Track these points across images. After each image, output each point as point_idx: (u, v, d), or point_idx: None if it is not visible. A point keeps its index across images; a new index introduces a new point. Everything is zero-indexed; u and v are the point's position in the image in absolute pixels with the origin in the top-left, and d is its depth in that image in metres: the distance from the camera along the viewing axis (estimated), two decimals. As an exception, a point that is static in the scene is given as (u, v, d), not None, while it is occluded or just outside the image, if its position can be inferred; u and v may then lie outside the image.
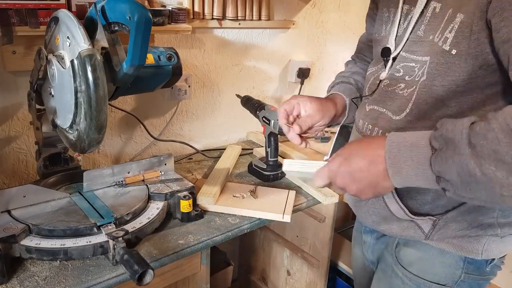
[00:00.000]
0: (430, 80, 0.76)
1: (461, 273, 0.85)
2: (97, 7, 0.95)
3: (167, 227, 1.04)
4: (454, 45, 0.72)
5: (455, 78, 0.73)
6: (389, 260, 0.93)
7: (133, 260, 0.81)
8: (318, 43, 1.92)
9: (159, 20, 1.26)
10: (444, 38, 0.74)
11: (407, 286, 0.89)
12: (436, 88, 0.76)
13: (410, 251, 0.88)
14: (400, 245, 0.91)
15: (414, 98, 0.79)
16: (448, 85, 0.74)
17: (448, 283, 0.85)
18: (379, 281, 0.98)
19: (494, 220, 0.80)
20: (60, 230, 0.91)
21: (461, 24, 0.71)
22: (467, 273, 0.84)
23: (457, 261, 0.84)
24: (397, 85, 0.83)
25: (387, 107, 0.84)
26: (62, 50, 0.94)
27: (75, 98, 0.89)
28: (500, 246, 0.83)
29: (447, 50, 0.73)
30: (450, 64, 0.73)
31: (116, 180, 1.11)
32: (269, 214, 1.11)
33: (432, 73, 0.76)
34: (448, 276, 0.85)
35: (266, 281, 1.90)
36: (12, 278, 0.84)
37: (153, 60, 1.14)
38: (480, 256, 0.82)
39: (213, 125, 1.69)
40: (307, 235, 1.65)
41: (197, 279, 1.10)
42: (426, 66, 0.77)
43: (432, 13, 0.77)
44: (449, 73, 0.74)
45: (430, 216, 0.82)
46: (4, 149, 1.25)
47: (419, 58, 0.78)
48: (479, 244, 0.81)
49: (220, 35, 1.58)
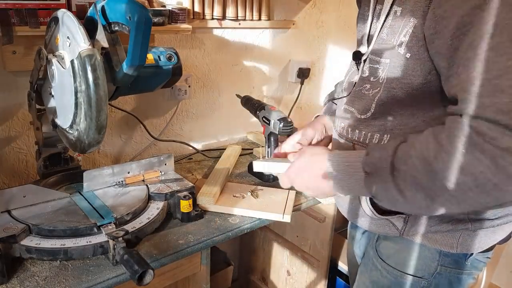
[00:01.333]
0: (389, 82, 0.79)
1: (437, 265, 0.86)
2: (97, 7, 0.95)
3: (167, 227, 1.05)
4: (408, 49, 0.74)
5: (410, 81, 0.76)
6: (370, 253, 0.95)
7: (133, 260, 0.81)
8: (318, 43, 1.92)
9: (159, 20, 1.26)
10: (400, 41, 0.76)
11: (385, 278, 0.91)
12: (395, 90, 0.78)
13: (389, 244, 0.91)
14: (380, 239, 0.93)
15: (377, 99, 0.82)
16: (405, 87, 0.77)
17: (424, 276, 0.87)
18: (361, 275, 1.00)
19: (465, 215, 0.82)
20: (60, 230, 0.91)
21: (414, 28, 0.73)
22: (444, 265, 0.86)
23: (433, 253, 0.85)
24: (363, 86, 0.86)
25: (355, 107, 0.88)
26: (62, 50, 0.94)
27: (75, 98, 0.89)
28: (476, 241, 0.83)
29: (402, 54, 0.76)
30: (404, 67, 0.76)
31: (116, 180, 1.11)
32: (269, 214, 1.11)
33: (391, 75, 0.78)
34: (425, 268, 0.87)
35: (266, 281, 1.90)
36: (12, 278, 0.84)
37: (153, 60, 1.14)
38: (455, 249, 0.83)
39: (213, 125, 1.69)
40: (307, 235, 1.65)
41: (197, 279, 1.10)
42: (387, 69, 0.79)
43: (393, 17, 0.78)
44: (405, 76, 0.76)
45: (400, 214, 0.84)
46: (4, 149, 1.25)
47: (382, 60, 0.81)
48: (453, 238, 0.83)
49: (220, 35, 1.58)
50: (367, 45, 0.86)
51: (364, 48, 0.87)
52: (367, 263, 0.98)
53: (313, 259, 1.61)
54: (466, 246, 0.83)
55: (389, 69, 0.79)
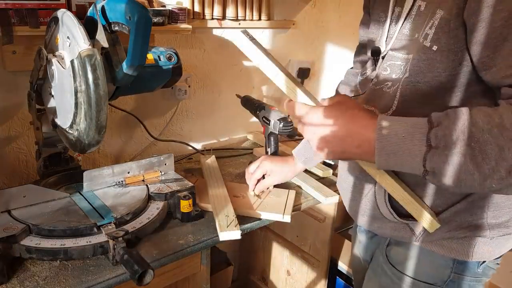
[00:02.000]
0: (413, 77, 0.77)
1: (450, 273, 0.84)
2: (97, 7, 0.95)
3: (167, 227, 1.04)
4: (434, 41, 0.72)
5: (437, 75, 0.74)
6: (380, 259, 0.94)
7: (133, 260, 0.81)
8: (318, 43, 1.92)
9: (159, 20, 1.26)
10: (425, 34, 0.74)
11: (396, 285, 0.89)
12: (419, 84, 0.76)
13: (400, 250, 0.89)
14: (391, 244, 0.91)
15: (398, 95, 0.80)
16: (431, 81, 0.75)
17: (437, 283, 0.85)
18: (370, 280, 0.99)
19: (484, 221, 0.80)
20: (60, 230, 0.91)
21: (440, 20, 0.71)
22: (457, 273, 0.84)
23: (447, 261, 0.84)
24: (384, 83, 0.84)
25: (375, 105, 0.85)
26: (62, 50, 0.94)
27: (75, 98, 0.89)
28: (491, 248, 0.82)
29: (428, 47, 0.73)
30: (431, 60, 0.74)
31: (116, 180, 1.11)
32: (269, 214, 1.10)
33: (415, 70, 0.76)
34: (437, 275, 0.85)
35: (266, 281, 1.90)
36: (12, 278, 0.84)
37: (153, 60, 1.14)
38: (471, 258, 0.82)
39: (213, 125, 1.69)
40: (307, 235, 1.65)
41: (197, 279, 1.10)
42: (409, 63, 0.77)
43: (417, 12, 0.77)
44: (430, 69, 0.74)
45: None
46: (4, 149, 1.25)
47: (404, 56, 0.79)
48: (469, 246, 0.81)
49: (220, 35, 1.58)
50: (385, 45, 0.85)
51: (382, 47, 0.85)
52: (375, 268, 0.96)
53: (313, 259, 1.61)
54: (482, 254, 0.82)
55: (413, 63, 0.76)
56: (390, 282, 0.90)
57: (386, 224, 0.87)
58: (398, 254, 0.89)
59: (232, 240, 1.01)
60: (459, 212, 0.79)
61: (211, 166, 1.37)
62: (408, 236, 0.84)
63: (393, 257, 0.90)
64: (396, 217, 0.83)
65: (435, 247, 0.83)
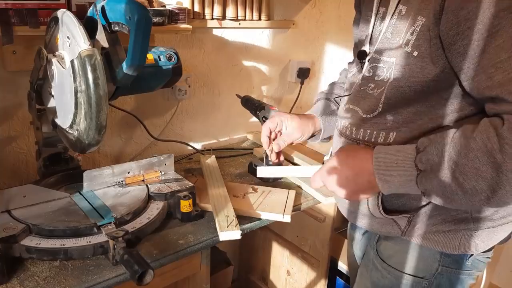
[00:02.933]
0: (396, 81, 0.79)
1: (438, 266, 0.86)
2: (97, 7, 0.95)
3: (167, 227, 1.04)
4: (415, 48, 0.74)
5: (419, 80, 0.75)
6: (371, 254, 0.95)
7: (133, 260, 0.81)
8: (318, 43, 1.92)
9: (159, 20, 1.26)
10: (407, 40, 0.75)
11: (386, 279, 0.91)
12: (402, 89, 0.78)
13: (389, 245, 0.90)
14: (381, 239, 0.93)
15: (384, 98, 0.81)
16: (414, 86, 0.76)
17: (425, 276, 0.87)
18: (361, 276, 1.00)
19: (467, 214, 0.82)
20: (60, 230, 0.91)
21: (422, 27, 0.72)
22: (445, 266, 0.86)
23: (434, 254, 0.85)
24: (368, 85, 0.85)
25: (359, 106, 0.87)
26: (62, 50, 0.94)
27: (75, 98, 0.89)
28: (477, 241, 0.83)
29: (409, 52, 0.75)
30: (412, 65, 0.75)
31: (116, 180, 1.11)
32: (269, 214, 1.10)
33: (398, 74, 0.78)
34: (426, 269, 0.87)
35: (266, 281, 1.90)
36: (12, 278, 0.84)
37: (153, 60, 1.14)
38: (457, 251, 0.84)
39: (213, 125, 1.69)
40: (307, 235, 1.65)
41: (197, 279, 1.10)
42: (393, 68, 0.79)
43: (398, 16, 0.78)
44: (413, 74, 0.76)
45: (404, 214, 0.84)
46: (4, 149, 1.25)
47: (387, 59, 0.80)
48: (455, 239, 0.83)
49: (220, 35, 1.58)
50: (369, 45, 0.86)
51: (367, 47, 0.87)
52: (367, 264, 0.98)
53: (313, 259, 1.61)
54: (468, 247, 0.83)
55: (396, 67, 0.78)
56: (381, 277, 0.92)
57: (373, 221, 0.88)
58: (387, 248, 0.91)
59: (232, 240, 1.01)
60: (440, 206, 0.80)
61: (211, 166, 1.37)
62: (395, 231, 0.86)
63: (383, 251, 0.92)
64: (383, 213, 0.85)
65: (422, 241, 0.85)
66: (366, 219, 0.90)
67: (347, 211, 0.95)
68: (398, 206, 0.85)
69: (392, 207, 0.85)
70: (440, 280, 0.87)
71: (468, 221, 0.82)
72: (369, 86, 0.85)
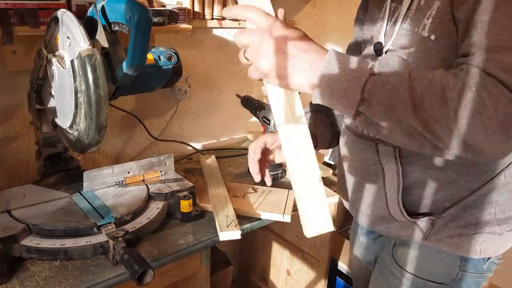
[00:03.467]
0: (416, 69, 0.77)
1: (458, 271, 0.84)
2: (97, 7, 0.95)
3: (167, 227, 1.04)
4: (432, 31, 0.74)
5: (436, 64, 0.74)
6: (387, 260, 0.93)
7: (133, 260, 0.81)
8: (318, 43, 1.91)
9: (159, 20, 1.26)
10: (423, 25, 0.75)
11: (405, 285, 0.89)
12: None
13: (407, 251, 0.88)
14: (397, 245, 0.91)
15: None
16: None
17: (446, 281, 0.85)
18: (376, 282, 0.98)
19: (492, 216, 0.80)
20: (60, 230, 0.91)
21: (437, 10, 0.72)
22: (465, 271, 0.84)
23: (454, 259, 0.84)
24: None
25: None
26: (62, 50, 0.94)
27: (75, 98, 0.89)
28: (498, 244, 0.82)
29: (426, 37, 0.74)
30: (429, 49, 0.75)
31: (116, 180, 1.11)
32: (269, 214, 1.10)
33: (416, 62, 0.77)
34: (446, 274, 0.85)
35: (266, 281, 1.90)
36: (12, 278, 0.84)
37: (153, 60, 1.14)
38: (478, 255, 0.82)
39: (213, 125, 1.69)
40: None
41: (197, 279, 1.10)
42: (412, 56, 0.78)
43: (417, 7, 0.78)
44: (430, 59, 0.75)
45: (429, 216, 0.82)
46: (4, 149, 1.25)
47: (405, 51, 0.79)
48: (476, 243, 0.81)
49: (220, 35, 1.58)
50: (384, 40, 0.84)
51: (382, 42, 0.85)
52: (382, 270, 0.95)
53: (313, 259, 1.61)
54: (489, 250, 0.82)
55: (414, 55, 0.77)
56: (399, 283, 0.90)
57: (392, 224, 0.86)
58: (404, 254, 0.89)
59: (232, 240, 1.01)
60: (467, 207, 0.79)
61: (211, 166, 1.37)
62: (416, 235, 0.84)
63: (400, 257, 0.90)
64: (406, 216, 0.82)
65: (443, 245, 0.83)
66: (383, 224, 0.87)
67: (358, 213, 0.92)
68: (422, 207, 0.82)
69: (416, 209, 0.83)
70: (459, 285, 0.85)
71: (492, 224, 0.80)
72: None
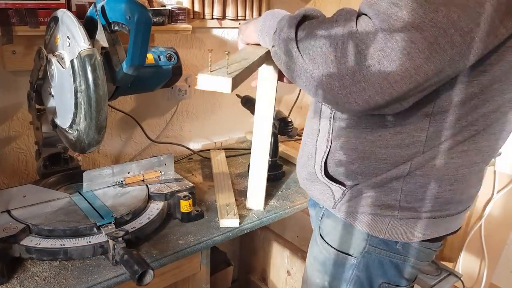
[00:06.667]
0: None
1: (365, 245, 0.87)
2: (97, 7, 0.95)
3: (167, 227, 1.04)
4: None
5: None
6: (316, 230, 0.98)
7: (133, 260, 0.81)
8: (318, 43, 1.91)
9: (159, 20, 1.26)
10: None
11: (322, 254, 0.94)
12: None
13: (328, 222, 0.93)
14: (324, 217, 0.95)
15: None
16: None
17: (354, 253, 0.89)
18: (308, 251, 1.03)
19: (396, 202, 0.82)
20: (60, 230, 0.91)
21: None
22: (372, 245, 0.86)
23: (362, 233, 0.87)
24: None
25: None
26: (62, 50, 0.94)
27: (75, 98, 0.89)
28: (404, 229, 0.84)
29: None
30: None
31: (116, 180, 1.11)
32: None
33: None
34: (355, 246, 0.88)
35: (266, 281, 1.90)
36: (12, 278, 0.84)
37: (153, 60, 1.14)
38: (383, 235, 0.84)
39: (213, 125, 1.69)
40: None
41: (197, 279, 1.10)
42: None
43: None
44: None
45: (341, 185, 0.85)
46: (4, 149, 1.25)
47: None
48: (383, 223, 0.84)
49: (220, 35, 1.58)
50: None
51: None
52: (313, 239, 1.01)
53: (313, 259, 1.61)
54: (395, 234, 0.84)
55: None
56: (319, 252, 0.95)
57: (316, 185, 0.90)
58: (326, 225, 0.93)
59: (232, 240, 1.01)
60: (375, 187, 0.82)
61: (220, 161, 1.45)
62: (329, 201, 0.88)
63: (323, 228, 0.95)
64: (324, 176, 0.86)
65: (353, 220, 0.86)
66: (310, 183, 0.92)
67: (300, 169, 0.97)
68: (338, 174, 0.86)
69: (333, 173, 0.87)
70: (368, 259, 0.87)
71: (395, 208, 0.83)
72: None
